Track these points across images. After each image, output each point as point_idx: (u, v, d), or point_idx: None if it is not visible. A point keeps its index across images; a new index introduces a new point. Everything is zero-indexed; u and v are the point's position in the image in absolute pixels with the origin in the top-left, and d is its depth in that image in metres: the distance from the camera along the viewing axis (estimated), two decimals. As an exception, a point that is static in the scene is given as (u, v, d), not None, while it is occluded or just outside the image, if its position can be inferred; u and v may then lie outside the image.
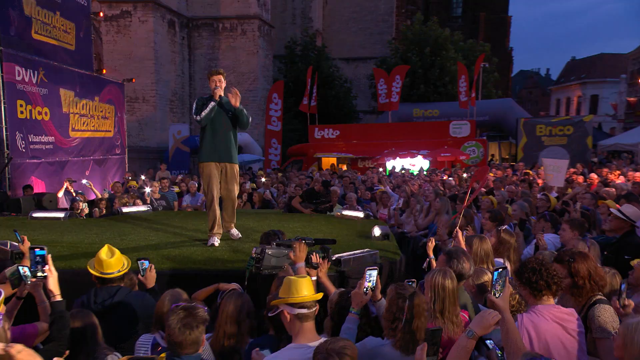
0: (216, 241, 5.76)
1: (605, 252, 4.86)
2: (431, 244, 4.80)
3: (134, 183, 11.77)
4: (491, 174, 14.49)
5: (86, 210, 8.78)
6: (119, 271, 3.45)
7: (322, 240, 4.55)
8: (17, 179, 9.84)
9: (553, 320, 2.82)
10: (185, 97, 22.88)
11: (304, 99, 21.68)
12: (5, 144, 9.41)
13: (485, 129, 23.22)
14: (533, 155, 20.84)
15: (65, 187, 10.07)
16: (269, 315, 2.81)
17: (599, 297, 3.08)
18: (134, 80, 15.78)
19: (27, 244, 4.21)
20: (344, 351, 2.17)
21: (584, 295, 3.09)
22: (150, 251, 5.39)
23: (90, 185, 10.31)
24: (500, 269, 2.78)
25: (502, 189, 9.78)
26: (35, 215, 7.29)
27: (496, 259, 4.58)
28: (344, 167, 20.46)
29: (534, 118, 24.15)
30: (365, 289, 3.11)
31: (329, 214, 9.08)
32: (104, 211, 9.04)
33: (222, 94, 5.66)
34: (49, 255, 2.94)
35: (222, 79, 5.72)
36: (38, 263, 2.88)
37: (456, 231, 4.88)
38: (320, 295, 2.74)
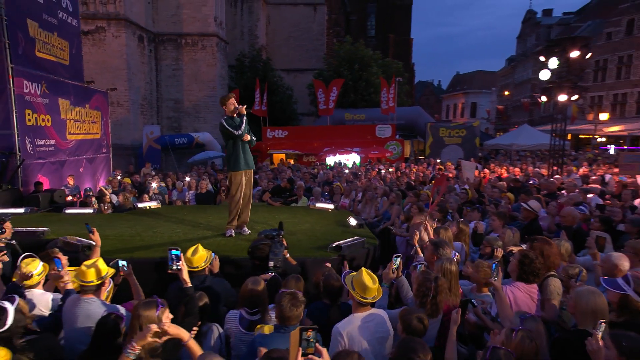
0: (233, 232, 5.96)
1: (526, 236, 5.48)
2: (416, 236, 4.74)
3: (127, 180, 11.45)
4: (413, 169, 15.34)
5: (96, 206, 8.54)
6: (204, 263, 3.64)
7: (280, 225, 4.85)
8: (26, 177, 9.53)
9: (524, 292, 3.38)
10: (153, 101, 22.13)
11: (255, 104, 21.67)
12: (17, 147, 9.10)
13: (401, 130, 24.13)
14: (437, 151, 22.18)
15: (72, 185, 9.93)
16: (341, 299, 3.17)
17: (552, 273, 3.67)
18: (116, 89, 15.17)
19: (97, 235, 4.28)
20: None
21: (545, 272, 3.66)
22: (184, 242, 5.44)
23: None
24: (496, 263, 3.32)
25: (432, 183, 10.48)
26: (68, 211, 7.09)
27: (455, 242, 5.09)
28: (292, 161, 20.75)
29: (438, 123, 25.50)
30: (393, 270, 3.53)
31: (294, 205, 9.29)
32: (110, 206, 8.81)
33: None
34: (182, 255, 3.09)
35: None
36: (173, 260, 3.00)
37: (425, 224, 5.07)
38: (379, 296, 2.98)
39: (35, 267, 3.45)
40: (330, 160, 19.24)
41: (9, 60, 8.89)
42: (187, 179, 11.43)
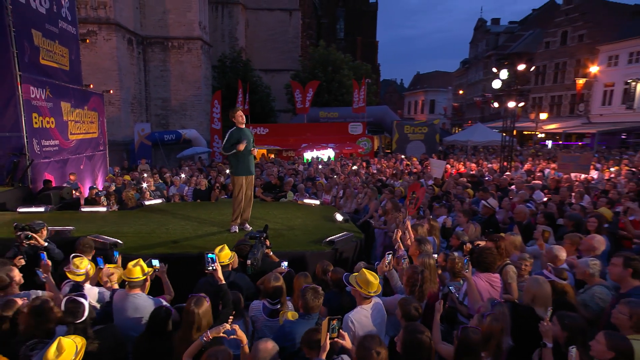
0: (237, 229, 6.23)
1: (486, 230, 6.02)
2: (399, 233, 4.81)
3: (127, 177, 11.46)
4: (384, 163, 15.86)
5: (105, 203, 8.62)
6: (229, 260, 3.94)
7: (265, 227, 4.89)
8: (34, 175, 9.49)
9: (485, 280, 3.84)
10: (142, 100, 21.78)
11: (238, 103, 21.69)
12: (26, 149, 9.08)
13: (370, 126, 24.61)
14: (403, 146, 22.76)
15: (74, 181, 9.92)
16: (347, 287, 3.55)
17: (508, 260, 4.19)
18: (111, 91, 14.95)
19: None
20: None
21: (503, 259, 4.16)
22: (196, 238, 5.67)
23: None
24: (467, 258, 3.78)
25: (403, 179, 10.85)
26: (84, 209, 7.17)
27: (429, 237, 5.52)
28: (272, 156, 20.97)
29: (403, 121, 26.06)
30: (386, 264, 3.95)
31: (284, 200, 9.52)
32: (114, 203, 8.86)
33: None
34: (217, 257, 3.38)
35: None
36: (209, 262, 3.28)
37: (407, 224, 5.16)
38: (379, 290, 3.29)
39: (86, 265, 3.71)
40: (308, 155, 19.54)
41: (17, 68, 8.82)
42: (183, 175, 11.56)
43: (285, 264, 4.35)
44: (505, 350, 2.82)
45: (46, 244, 4.44)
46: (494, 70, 11.88)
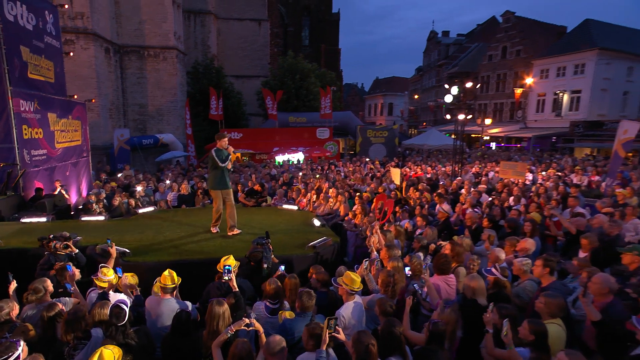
0: (217, 230, 6.70)
1: (442, 233, 6.69)
2: (372, 238, 5.32)
3: (114, 184, 11.42)
4: (350, 167, 16.44)
5: (97, 210, 8.69)
6: (234, 267, 4.30)
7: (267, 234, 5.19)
8: (25, 184, 9.48)
9: (443, 281, 4.45)
10: (120, 106, 21.32)
11: (212, 109, 21.74)
12: (17, 159, 9.05)
13: (336, 130, 25.14)
14: (366, 149, 23.43)
15: (58, 188, 9.84)
16: (335, 284, 4.04)
17: (459, 264, 4.81)
18: (93, 100, 14.68)
19: (114, 248, 4.81)
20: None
21: (455, 264, 4.80)
22: (192, 244, 5.95)
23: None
24: (426, 264, 4.37)
25: (367, 183, 11.42)
26: (84, 218, 7.25)
27: (396, 240, 6.10)
28: (246, 158, 21.17)
29: (366, 125, 26.75)
30: (363, 269, 4.47)
31: (264, 205, 9.86)
32: (102, 209, 8.94)
33: None
34: (232, 269, 3.78)
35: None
36: (226, 272, 3.68)
37: (376, 229, 5.68)
38: (361, 287, 3.86)
39: (111, 274, 4.02)
40: (280, 158, 19.86)
41: (8, 84, 8.74)
42: (168, 181, 11.63)
43: (283, 267, 4.78)
44: (458, 338, 3.41)
45: (77, 250, 4.75)
46: (446, 86, 12.72)
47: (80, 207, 9.66)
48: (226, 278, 3.70)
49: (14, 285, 3.85)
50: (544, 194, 8.88)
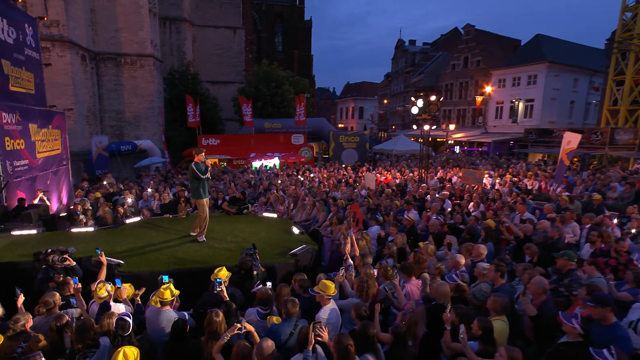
0: (204, 238, 6.99)
1: (409, 239, 7.19)
2: (347, 247, 5.52)
3: (98, 194, 11.36)
4: (324, 173, 16.87)
5: (84, 220, 8.70)
6: (226, 278, 4.63)
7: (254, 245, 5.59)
8: (8, 194, 9.37)
9: (409, 284, 4.93)
10: (97, 112, 20.88)
11: (189, 117, 21.72)
12: (0, 170, 8.93)
13: (309, 135, 25.51)
14: (338, 154, 23.96)
15: (39, 196, 9.82)
16: (311, 293, 4.43)
17: (424, 270, 5.32)
18: (72, 109, 14.44)
19: (104, 257, 5.03)
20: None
21: (421, 270, 5.30)
22: (180, 253, 6.15)
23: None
24: (396, 271, 4.84)
25: (341, 190, 11.87)
26: (73, 230, 7.29)
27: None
28: (225, 163, 21.26)
29: (338, 131, 27.32)
30: (340, 277, 4.90)
31: (246, 212, 10.09)
32: (90, 218, 8.97)
33: None
34: (222, 281, 4.11)
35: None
36: (217, 284, 4.00)
37: (351, 237, 5.92)
38: (335, 292, 4.32)
39: (105, 292, 4.27)
40: (257, 163, 20.09)
41: (-10, 97, 8.64)
42: (150, 190, 11.68)
43: (270, 283, 5.08)
44: (421, 335, 3.89)
45: (75, 263, 4.93)
46: (412, 99, 13.41)
47: (63, 214, 9.64)
48: (218, 289, 4.04)
49: (22, 298, 4.04)
50: (500, 200, 9.63)
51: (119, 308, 4.27)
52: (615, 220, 7.42)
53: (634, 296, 4.25)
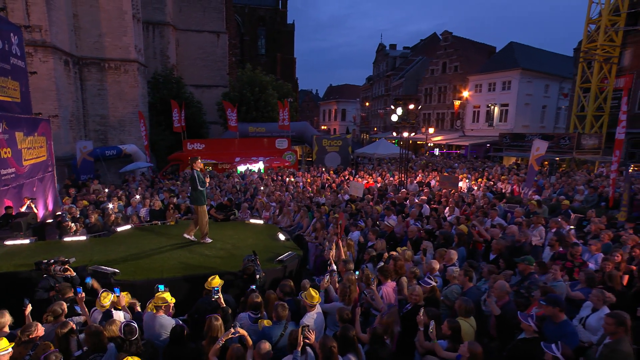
0: (208, 240, 7.31)
1: (389, 244, 7.58)
2: (331, 252, 5.85)
3: (85, 203, 11.38)
4: (309, 177, 17.18)
5: (74, 228, 8.76)
6: (219, 286, 4.93)
7: (254, 252, 5.90)
8: (-5, 202, 9.35)
9: (387, 287, 5.32)
10: (80, 117, 20.68)
11: (175, 122, 21.76)
12: (-13, 179, 8.96)
13: (293, 139, 25.76)
14: (322, 157, 24.26)
15: (27, 204, 9.86)
16: (298, 298, 4.78)
17: (402, 274, 5.73)
18: (57, 115, 14.35)
19: (96, 283, 5.24)
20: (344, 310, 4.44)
21: (398, 274, 5.71)
22: (173, 259, 6.33)
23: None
24: (374, 277, 5.21)
25: (325, 195, 12.19)
26: (66, 239, 7.37)
27: (348, 252, 6.92)
28: (210, 168, 21.32)
29: (321, 135, 27.61)
30: (325, 283, 5.26)
31: (233, 218, 10.31)
32: (82, 226, 9.05)
33: None
34: (219, 289, 4.41)
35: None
36: (215, 293, 4.29)
37: (337, 241, 6.24)
38: (320, 300, 4.67)
39: (108, 300, 4.52)
40: (242, 167, 20.24)
41: (-23, 108, 8.64)
42: (138, 196, 11.75)
43: (254, 286, 5.43)
44: (397, 333, 4.29)
45: (75, 273, 5.15)
46: (392, 107, 13.89)
47: (50, 221, 9.70)
48: (216, 297, 4.34)
49: (29, 308, 4.26)
50: (474, 204, 10.17)
51: (119, 315, 4.52)
52: (569, 227, 8.00)
53: (585, 295, 4.76)
